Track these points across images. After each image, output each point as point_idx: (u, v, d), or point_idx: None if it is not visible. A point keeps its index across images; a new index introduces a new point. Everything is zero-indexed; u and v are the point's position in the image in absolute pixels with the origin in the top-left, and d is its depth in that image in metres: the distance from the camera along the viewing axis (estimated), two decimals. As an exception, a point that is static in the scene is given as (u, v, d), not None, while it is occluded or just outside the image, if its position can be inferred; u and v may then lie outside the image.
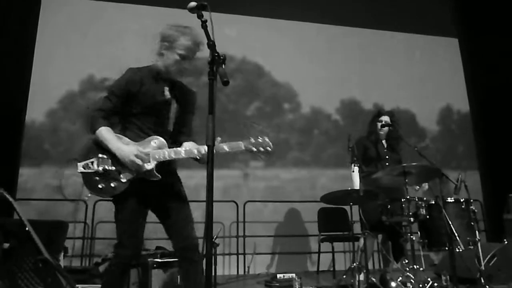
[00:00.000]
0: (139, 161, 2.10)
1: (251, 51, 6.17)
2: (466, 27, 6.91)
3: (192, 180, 5.22)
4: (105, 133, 2.15)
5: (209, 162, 1.44)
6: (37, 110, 5.42)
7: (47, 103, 5.48)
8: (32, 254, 2.50)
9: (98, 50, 5.64)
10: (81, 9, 5.83)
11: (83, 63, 5.61)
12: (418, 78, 6.74)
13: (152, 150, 2.16)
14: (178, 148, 2.19)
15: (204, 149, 2.12)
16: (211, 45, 1.61)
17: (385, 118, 3.98)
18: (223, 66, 1.57)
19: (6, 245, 2.61)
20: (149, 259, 3.13)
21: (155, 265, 3.08)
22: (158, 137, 2.20)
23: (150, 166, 2.14)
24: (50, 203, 5.05)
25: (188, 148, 2.18)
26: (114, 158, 2.14)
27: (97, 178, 2.13)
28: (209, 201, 1.43)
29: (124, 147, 2.13)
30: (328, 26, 6.65)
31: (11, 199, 2.62)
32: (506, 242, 4.00)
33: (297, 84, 6.29)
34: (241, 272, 5.18)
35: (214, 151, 1.89)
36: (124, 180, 2.13)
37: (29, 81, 5.37)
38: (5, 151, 4.85)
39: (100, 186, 2.13)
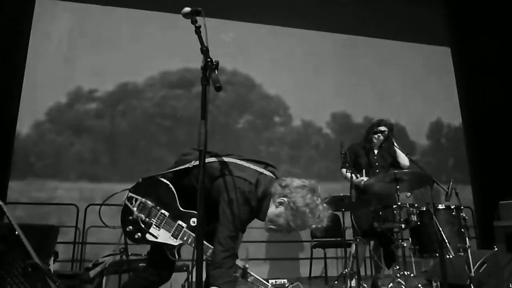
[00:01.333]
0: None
1: (242, 63, 6.17)
2: (459, 36, 7.00)
3: None
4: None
5: (201, 166, 1.45)
6: (24, 122, 5.38)
7: (34, 115, 5.43)
8: (22, 259, 2.47)
9: (86, 61, 5.63)
10: (71, 21, 5.81)
11: (70, 74, 5.59)
12: (409, 91, 6.79)
13: (186, 229, 2.00)
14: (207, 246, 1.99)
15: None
16: (205, 51, 1.62)
17: (383, 128, 4.01)
18: (216, 72, 1.58)
19: (-5, 249, 2.57)
20: (140, 264, 3.11)
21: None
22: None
23: (176, 242, 1.99)
24: (38, 211, 5.02)
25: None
26: (162, 217, 2.00)
27: (130, 217, 2.01)
28: (200, 206, 1.43)
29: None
30: (319, 36, 6.68)
31: (0, 202, 2.60)
32: (496, 249, 4.03)
33: (288, 97, 6.31)
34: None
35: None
36: (150, 239, 2.00)
37: (20, 94, 5.32)
38: None
39: (127, 229, 2.02)
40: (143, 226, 2.00)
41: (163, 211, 2.00)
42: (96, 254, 4.69)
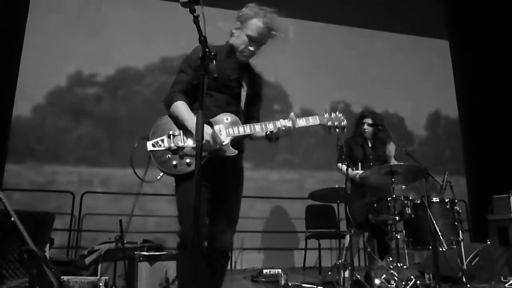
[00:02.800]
0: (214, 144, 2.01)
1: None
2: (457, 28, 6.98)
3: None
4: (181, 109, 2.07)
5: (197, 156, 1.45)
6: (23, 106, 5.33)
7: (34, 99, 5.40)
8: (18, 245, 2.48)
9: (86, 45, 5.57)
10: (69, 3, 5.75)
11: (71, 58, 5.54)
12: (408, 81, 6.82)
13: (226, 126, 2.11)
14: (252, 124, 2.16)
15: (279, 123, 2.18)
16: (203, 41, 1.61)
17: (368, 120, 3.99)
18: (214, 62, 1.58)
19: (-9, 235, 2.58)
20: (135, 252, 3.13)
21: (141, 258, 3.08)
22: (231, 113, 2.15)
23: (225, 141, 2.09)
24: (35, 196, 5.02)
25: (263, 123, 2.17)
26: (186, 134, 2.06)
27: (170, 155, 2.04)
28: (197, 196, 1.44)
29: None
30: (319, 26, 6.67)
31: (-3, 189, 2.60)
32: (488, 243, 4.09)
33: (288, 85, 6.30)
34: (228, 267, 5.19)
35: (291, 125, 2.20)
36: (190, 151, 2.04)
37: (17, 77, 5.27)
38: None
39: (174, 163, 2.03)
40: (187, 146, 2.04)
41: (176, 132, 2.07)
42: (91, 241, 4.72)
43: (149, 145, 2.06)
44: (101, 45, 5.55)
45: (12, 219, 2.52)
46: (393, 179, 3.31)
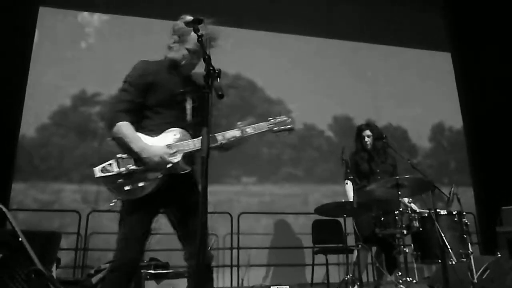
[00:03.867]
0: (165, 164, 1.99)
1: (244, 67, 6.20)
2: (459, 40, 7.02)
3: None
4: (126, 130, 2.01)
5: (203, 174, 1.46)
6: (29, 125, 5.39)
7: (39, 119, 5.45)
8: (25, 265, 2.48)
9: (90, 65, 5.65)
10: (74, 25, 5.85)
11: (75, 78, 5.62)
12: (411, 94, 6.82)
13: (175, 143, 2.07)
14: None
15: (229, 134, 2.15)
16: (207, 59, 1.64)
17: (367, 132, 4.04)
18: (218, 80, 1.60)
19: (-1, 255, 2.59)
20: (142, 271, 3.12)
21: (148, 277, 3.07)
22: (178, 129, 2.11)
23: (176, 159, 2.04)
24: (41, 216, 5.03)
25: (212, 135, 2.11)
26: (136, 156, 2.01)
27: (121, 180, 1.98)
28: (203, 212, 1.44)
29: (147, 147, 2.00)
30: (321, 40, 6.71)
31: (4, 209, 2.62)
32: (499, 255, 4.02)
33: (290, 100, 6.32)
34: (235, 284, 5.15)
35: (240, 135, 2.15)
36: (151, 178, 2.00)
37: (24, 97, 5.35)
38: None
39: (126, 188, 1.97)
40: (138, 168, 1.99)
41: (124, 155, 2.02)
42: (98, 260, 4.70)
43: (97, 172, 2.01)
44: (104, 65, 5.63)
45: (20, 239, 2.53)
46: (399, 192, 3.30)
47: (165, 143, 2.05)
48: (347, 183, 3.91)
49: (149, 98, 2.10)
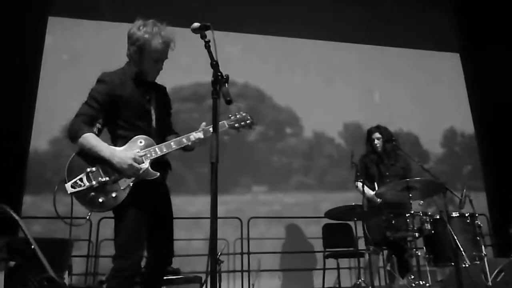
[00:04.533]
0: (136, 165, 2.06)
1: (251, 76, 6.19)
2: (468, 41, 6.95)
3: (193, 207, 5.22)
4: (92, 140, 2.09)
5: (213, 179, 1.46)
6: (40, 138, 5.43)
7: (51, 132, 5.48)
8: (38, 272, 2.50)
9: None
10: (84, 36, 5.89)
11: (85, 90, 5.65)
12: (421, 99, 6.73)
13: (142, 150, 2.14)
14: (167, 142, 2.21)
15: (193, 136, 2.21)
16: (214, 65, 1.65)
17: (377, 135, 4.08)
18: (226, 85, 1.61)
19: (12, 263, 2.61)
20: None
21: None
22: (143, 136, 2.18)
23: (145, 165, 2.11)
24: (53, 227, 5.06)
25: (177, 138, 2.22)
26: (103, 167, 2.07)
27: (93, 193, 2.04)
28: (214, 217, 1.44)
29: (118, 152, 2.08)
30: (328, 46, 6.65)
31: (16, 217, 2.65)
32: (513, 257, 3.95)
33: (299, 108, 6.30)
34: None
35: (203, 136, 2.20)
36: (123, 187, 2.07)
37: (34, 110, 5.40)
38: (9, 180, 4.80)
39: (100, 200, 2.03)
40: (108, 179, 2.06)
41: (93, 168, 2.09)
42: (109, 267, 4.72)
43: (69, 188, 2.04)
44: None
45: (32, 246, 2.55)
46: (410, 195, 3.27)
47: (133, 150, 2.12)
48: (357, 186, 3.89)
49: (118, 111, 2.18)
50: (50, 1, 5.77)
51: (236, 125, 2.32)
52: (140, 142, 2.16)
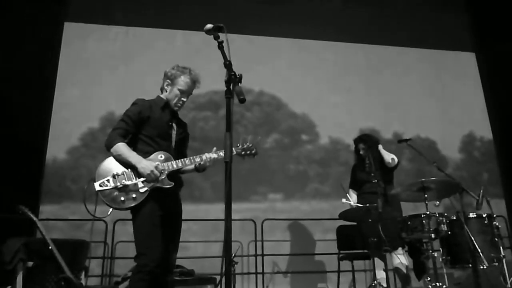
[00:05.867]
0: (157, 172, 2.41)
1: (267, 83, 6.18)
2: (482, 40, 6.83)
3: (211, 215, 5.27)
4: (124, 148, 2.48)
5: (227, 178, 1.47)
6: (58, 147, 5.49)
7: (68, 141, 5.55)
8: (55, 273, 2.55)
9: (118, 87, 5.72)
10: (100, 46, 5.95)
11: (102, 100, 5.69)
12: (438, 104, 6.60)
13: (161, 163, 2.50)
14: (182, 159, 2.58)
15: (205, 156, 2.61)
16: (228, 65, 1.67)
17: (361, 146, 4.21)
18: (239, 85, 1.62)
19: (30, 263, 2.66)
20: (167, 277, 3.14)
21: (174, 284, 3.09)
22: (164, 151, 2.57)
23: (163, 176, 2.49)
24: (70, 231, 5.13)
25: (191, 157, 2.62)
26: (128, 172, 2.44)
27: (117, 193, 2.40)
28: (228, 217, 1.45)
29: (144, 160, 2.45)
30: (343, 49, 6.60)
31: (35, 218, 2.70)
32: (533, 259, 3.88)
33: (315, 115, 6.26)
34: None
35: (216, 156, 2.62)
36: (143, 190, 2.42)
37: (50, 120, 5.47)
38: (26, 189, 4.86)
39: (122, 199, 2.38)
40: (131, 183, 2.42)
41: (119, 172, 2.46)
42: (125, 268, 4.77)
43: (97, 186, 2.41)
44: (131, 84, 5.67)
45: (50, 247, 2.60)
46: (426, 195, 3.22)
47: (154, 163, 2.49)
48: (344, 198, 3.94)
49: (145, 129, 2.60)
50: (66, 8, 5.87)
51: (243, 153, 2.76)
52: (161, 157, 2.55)
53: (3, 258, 2.64)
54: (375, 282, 3.38)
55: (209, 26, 1.91)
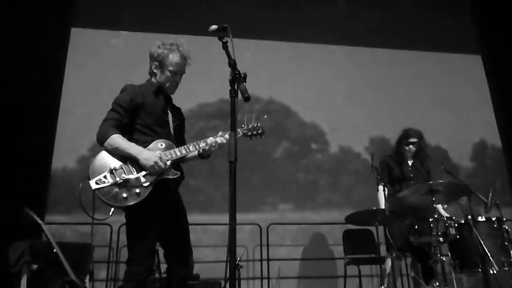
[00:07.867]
0: (161, 163, 2.17)
1: (277, 92, 6.14)
2: (489, 43, 6.78)
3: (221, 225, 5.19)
4: (120, 139, 2.21)
5: (231, 176, 1.45)
6: (67, 157, 5.46)
7: (78, 151, 5.49)
8: (60, 276, 2.54)
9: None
10: (107, 55, 5.95)
11: (109, 108, 5.68)
12: (449, 112, 6.50)
13: (163, 152, 2.27)
14: (186, 145, 2.37)
15: (210, 140, 2.38)
16: (232, 64, 1.66)
17: (413, 139, 3.95)
18: (244, 84, 1.61)
19: (35, 266, 2.66)
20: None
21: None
22: (164, 139, 2.34)
23: (167, 164, 2.25)
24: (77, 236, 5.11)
25: (195, 142, 2.38)
26: (127, 165, 2.19)
27: (117, 189, 2.13)
28: (232, 216, 1.43)
29: (145, 151, 2.21)
30: (349, 54, 6.54)
31: (40, 221, 2.70)
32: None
33: (325, 123, 6.19)
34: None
35: (221, 141, 2.41)
36: (146, 184, 2.17)
37: (55, 129, 5.46)
38: (32, 199, 4.69)
39: (124, 195, 2.12)
40: (132, 177, 2.15)
41: (116, 166, 2.19)
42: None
43: (93, 184, 2.13)
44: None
45: (55, 250, 2.59)
46: (433, 198, 3.18)
47: (156, 152, 2.25)
48: (378, 190, 3.81)
49: (139, 117, 2.35)
50: (72, 13, 5.88)
51: (249, 133, 2.58)
52: (161, 145, 2.30)
53: (8, 261, 2.63)
54: (382, 287, 3.33)
55: (213, 27, 1.91)
